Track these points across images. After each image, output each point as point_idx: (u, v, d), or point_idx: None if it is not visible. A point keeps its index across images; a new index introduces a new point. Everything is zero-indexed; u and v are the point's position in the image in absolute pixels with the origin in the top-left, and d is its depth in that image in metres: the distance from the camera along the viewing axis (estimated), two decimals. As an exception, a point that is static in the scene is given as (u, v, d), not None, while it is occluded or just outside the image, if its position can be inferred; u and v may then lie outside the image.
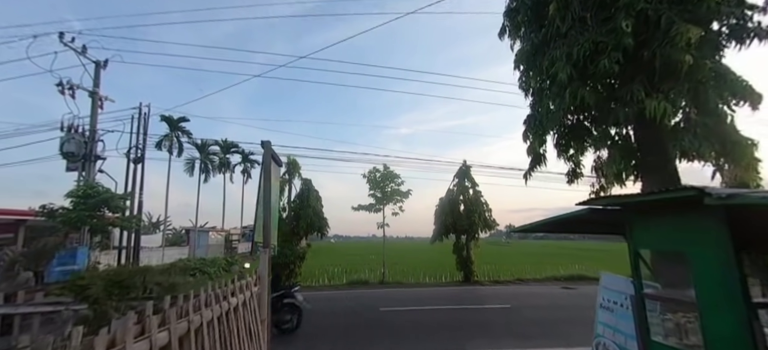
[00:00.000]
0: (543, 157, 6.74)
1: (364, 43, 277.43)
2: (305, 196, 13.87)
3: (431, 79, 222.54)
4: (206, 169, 28.65)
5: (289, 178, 14.01)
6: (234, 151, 32.79)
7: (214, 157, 29.99)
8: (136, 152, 15.63)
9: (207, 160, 28.92)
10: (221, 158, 31.44)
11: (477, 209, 13.88)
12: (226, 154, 32.21)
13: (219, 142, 29.92)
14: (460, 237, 14.33)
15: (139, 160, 15.69)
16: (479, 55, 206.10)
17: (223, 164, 31.83)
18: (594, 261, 24.18)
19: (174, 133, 23.47)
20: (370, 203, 14.01)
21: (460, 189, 14.59)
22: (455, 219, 14.16)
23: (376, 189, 13.90)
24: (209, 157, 29.30)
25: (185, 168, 27.43)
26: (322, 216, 13.88)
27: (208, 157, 29.15)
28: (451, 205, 14.37)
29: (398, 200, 14.06)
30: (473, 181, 14.56)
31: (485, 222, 13.90)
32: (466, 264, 13.89)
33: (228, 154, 32.43)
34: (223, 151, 31.52)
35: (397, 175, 13.93)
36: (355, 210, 14.08)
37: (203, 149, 28.11)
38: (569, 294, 11.48)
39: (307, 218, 13.35)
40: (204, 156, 28.52)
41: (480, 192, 14.39)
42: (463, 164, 14.85)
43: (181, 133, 23.97)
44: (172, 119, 22.69)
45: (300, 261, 13.26)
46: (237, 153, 33.59)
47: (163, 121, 22.22)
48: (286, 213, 13.89)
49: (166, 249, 23.35)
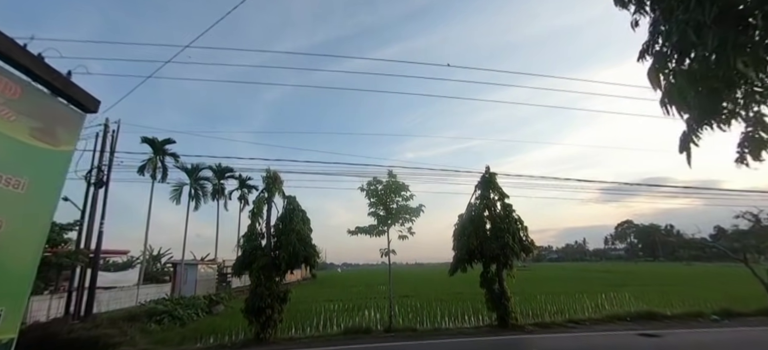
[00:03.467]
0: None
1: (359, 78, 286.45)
2: (288, 219, 10.61)
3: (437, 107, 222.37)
4: (197, 195, 25.74)
5: (268, 197, 10.83)
6: (229, 175, 30.10)
7: (206, 182, 27.16)
8: (99, 174, 12.71)
9: (197, 185, 26.08)
10: (215, 184, 28.63)
11: (509, 228, 10.38)
12: (220, 179, 29.46)
13: (212, 167, 27.26)
14: (489, 265, 10.73)
15: (102, 184, 12.71)
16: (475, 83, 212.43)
17: (217, 190, 28.98)
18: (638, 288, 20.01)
19: (158, 156, 20.82)
20: (371, 224, 10.58)
21: (485, 203, 11.18)
22: (481, 241, 10.65)
23: (379, 206, 10.53)
24: (200, 182, 26.48)
25: (171, 195, 24.57)
26: (310, 244, 10.52)
27: (199, 182, 26.33)
28: (475, 224, 10.92)
29: (407, 219, 10.62)
30: (501, 192, 11.17)
31: (521, 244, 10.34)
32: (500, 300, 10.19)
33: (223, 179, 29.70)
34: (217, 176, 28.79)
35: (404, 186, 10.57)
36: (353, 234, 10.66)
37: (193, 174, 25.35)
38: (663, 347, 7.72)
39: (291, 246, 10.01)
40: (194, 181, 25.70)
41: (511, 206, 10.95)
42: (486, 171, 11.55)
43: (166, 156, 21.35)
44: (156, 141, 20.17)
45: (280, 304, 9.77)
46: (233, 178, 30.89)
47: (145, 142, 19.70)
48: (265, 240, 10.58)
49: (145, 287, 19.90)
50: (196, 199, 25.53)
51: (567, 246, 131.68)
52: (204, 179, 27.15)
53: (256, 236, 10.53)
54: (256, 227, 10.60)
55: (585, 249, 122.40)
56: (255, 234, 10.53)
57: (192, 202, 25.38)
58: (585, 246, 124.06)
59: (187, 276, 24.12)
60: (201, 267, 25.60)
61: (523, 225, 10.73)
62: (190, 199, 25.02)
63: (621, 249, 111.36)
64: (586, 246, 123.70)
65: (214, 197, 28.87)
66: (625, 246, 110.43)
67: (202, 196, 26.31)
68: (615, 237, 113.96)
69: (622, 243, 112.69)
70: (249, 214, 10.65)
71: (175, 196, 24.56)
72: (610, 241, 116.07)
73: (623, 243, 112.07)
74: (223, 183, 29.76)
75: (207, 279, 25.88)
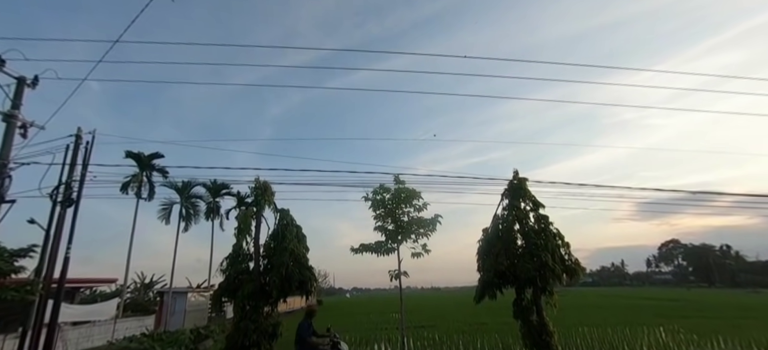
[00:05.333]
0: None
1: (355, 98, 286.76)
2: (280, 236, 9.73)
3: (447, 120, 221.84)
4: (188, 215, 25.26)
5: (257, 210, 10.01)
6: (226, 193, 29.69)
7: (198, 201, 26.75)
8: (67, 192, 12.10)
9: (189, 204, 25.66)
10: (209, 202, 28.21)
11: (547, 244, 9.18)
12: (215, 196, 29.07)
13: (206, 184, 26.90)
14: (524, 290, 9.48)
15: (70, 203, 12.08)
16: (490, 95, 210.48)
17: (211, 209, 28.53)
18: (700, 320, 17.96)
19: (145, 171, 20.53)
20: (378, 241, 9.52)
21: (514, 214, 10.03)
22: (512, 260, 9.45)
23: (386, 218, 9.51)
24: (191, 200, 26.08)
25: (159, 215, 24.14)
26: (307, 265, 9.56)
27: (191, 201, 25.93)
28: (504, 240, 9.77)
29: (420, 234, 9.54)
30: (534, 201, 10.03)
31: (563, 264, 9.08)
32: (539, 336, 8.86)
33: (218, 196, 29.29)
34: (211, 194, 28.40)
35: (416, 194, 9.53)
36: (357, 253, 9.62)
37: (184, 191, 24.98)
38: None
39: (283, 268, 9.06)
40: (185, 199, 25.30)
41: (547, 218, 9.77)
42: (514, 176, 10.46)
43: (154, 171, 21.05)
44: (142, 156, 19.91)
45: (269, 341, 8.73)
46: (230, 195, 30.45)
47: (129, 157, 19.44)
48: (253, 262, 9.68)
49: (124, 321, 19.07)
50: (186, 219, 25.05)
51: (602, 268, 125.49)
52: (196, 197, 26.78)
53: (242, 257, 9.66)
54: (242, 246, 9.75)
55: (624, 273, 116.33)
56: (241, 255, 9.66)
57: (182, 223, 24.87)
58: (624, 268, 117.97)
59: (176, 306, 23.30)
60: (191, 296, 24.77)
61: (563, 240, 9.50)
62: (180, 219, 24.54)
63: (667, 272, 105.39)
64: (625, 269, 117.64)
65: (208, 216, 28.41)
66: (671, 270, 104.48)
67: (194, 216, 25.82)
68: (659, 259, 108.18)
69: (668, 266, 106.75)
70: (234, 231, 9.83)
71: (164, 216, 24.16)
72: (654, 263, 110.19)
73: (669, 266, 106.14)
74: (218, 201, 29.36)
75: (198, 309, 24.98)
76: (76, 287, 20.05)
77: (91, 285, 26.27)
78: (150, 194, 20.99)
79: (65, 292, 17.89)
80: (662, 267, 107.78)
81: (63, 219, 10.75)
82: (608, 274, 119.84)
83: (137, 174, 20.18)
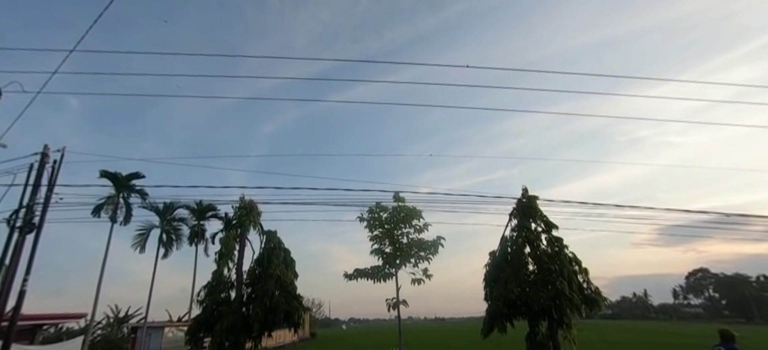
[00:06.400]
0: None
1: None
2: (266, 261, 9.39)
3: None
4: (169, 240, 24.77)
5: (241, 232, 9.72)
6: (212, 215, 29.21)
7: (181, 224, 26.34)
8: (28, 216, 11.65)
9: (170, 228, 25.23)
10: (193, 226, 27.75)
11: (562, 270, 8.81)
12: (200, 219, 28.63)
13: (190, 205, 26.54)
14: (538, 321, 9.02)
15: (30, 228, 11.57)
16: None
17: (195, 233, 28.02)
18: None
19: (122, 193, 20.28)
20: (375, 266, 9.15)
21: (524, 236, 9.73)
22: (523, 288, 9.06)
23: (384, 240, 9.17)
24: (173, 223, 25.67)
25: (135, 241, 23.60)
26: (294, 294, 9.17)
27: (172, 224, 25.52)
28: (514, 265, 9.41)
29: (421, 257, 9.18)
30: (547, 221, 9.75)
31: (582, 293, 8.68)
32: (557, 376, 8.33)
33: (203, 219, 28.85)
34: (196, 216, 27.97)
35: (417, 213, 9.24)
36: (351, 279, 9.22)
37: (166, 214, 24.61)
38: None
39: (267, 297, 8.66)
40: (166, 222, 24.90)
41: (562, 241, 9.45)
42: (524, 194, 10.23)
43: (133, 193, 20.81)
44: (120, 176, 19.71)
45: (249, 381, 8.20)
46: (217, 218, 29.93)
47: (104, 177, 19.21)
48: (235, 291, 9.28)
49: (92, 359, 18.22)
50: (167, 245, 24.55)
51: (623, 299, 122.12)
52: (179, 220, 26.39)
53: (222, 286, 9.28)
54: (223, 273, 9.39)
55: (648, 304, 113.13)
56: (221, 284, 9.28)
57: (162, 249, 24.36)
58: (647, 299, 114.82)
59: (150, 343, 22.44)
60: (168, 331, 23.92)
61: (581, 266, 9.13)
62: (160, 245, 24.04)
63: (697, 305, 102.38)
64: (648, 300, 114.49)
65: (192, 241, 27.86)
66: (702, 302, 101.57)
67: (176, 241, 25.33)
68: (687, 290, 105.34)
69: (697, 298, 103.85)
70: (215, 257, 9.50)
71: (140, 243, 23.64)
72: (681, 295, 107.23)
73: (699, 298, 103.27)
74: (203, 224, 28.91)
75: (176, 346, 24.03)
76: (38, 324, 19.25)
77: (56, 321, 25.32)
78: (126, 217, 20.63)
79: (24, 330, 17.17)
80: (691, 299, 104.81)
81: (21, 247, 10.32)
82: (630, 305, 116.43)
83: (113, 195, 19.92)
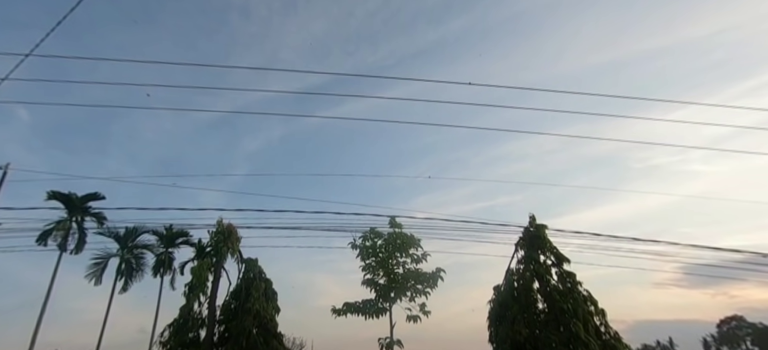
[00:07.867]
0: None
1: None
2: (244, 294, 9.06)
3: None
4: (129, 270, 23.77)
5: (216, 261, 9.43)
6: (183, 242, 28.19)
7: (144, 252, 25.40)
8: None
9: (131, 256, 24.30)
10: (159, 254, 26.78)
11: (576, 309, 8.72)
12: (169, 247, 27.64)
13: (158, 231, 25.64)
14: (549, 367, 8.83)
15: None
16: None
17: (161, 262, 26.97)
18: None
19: (75, 217, 19.52)
20: (367, 299, 8.90)
21: (532, 269, 9.67)
22: (533, 330, 8.91)
23: (377, 271, 8.97)
24: (135, 251, 24.75)
25: (89, 271, 22.47)
26: (275, 332, 8.82)
27: (134, 252, 24.59)
28: (521, 302, 9.28)
29: (418, 291, 8.97)
30: (557, 254, 9.73)
31: (599, 337, 8.57)
32: None
33: (172, 246, 27.85)
34: (164, 243, 27.01)
35: (414, 241, 9.09)
36: (339, 315, 8.91)
37: (127, 240, 23.74)
38: None
39: (243, 336, 8.29)
40: (127, 251, 23.98)
41: (575, 276, 9.42)
42: (531, 222, 10.25)
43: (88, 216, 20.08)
44: (74, 197, 19.03)
45: None
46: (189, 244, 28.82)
47: (54, 198, 18.48)
48: (205, 330, 8.86)
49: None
50: (127, 276, 23.54)
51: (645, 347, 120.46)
52: (143, 247, 25.48)
53: (191, 324, 8.86)
54: (193, 309, 9.00)
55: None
56: (190, 321, 8.87)
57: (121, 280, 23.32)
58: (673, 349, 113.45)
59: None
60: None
61: (597, 307, 9.04)
62: (117, 276, 23.02)
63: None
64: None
65: (157, 271, 26.75)
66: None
67: (137, 272, 24.34)
68: (720, 341, 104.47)
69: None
70: (184, 290, 9.14)
71: (95, 273, 22.56)
72: (714, 346, 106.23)
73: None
74: (171, 252, 27.90)
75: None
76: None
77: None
78: (78, 245, 19.76)
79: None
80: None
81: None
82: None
83: (64, 220, 19.16)
